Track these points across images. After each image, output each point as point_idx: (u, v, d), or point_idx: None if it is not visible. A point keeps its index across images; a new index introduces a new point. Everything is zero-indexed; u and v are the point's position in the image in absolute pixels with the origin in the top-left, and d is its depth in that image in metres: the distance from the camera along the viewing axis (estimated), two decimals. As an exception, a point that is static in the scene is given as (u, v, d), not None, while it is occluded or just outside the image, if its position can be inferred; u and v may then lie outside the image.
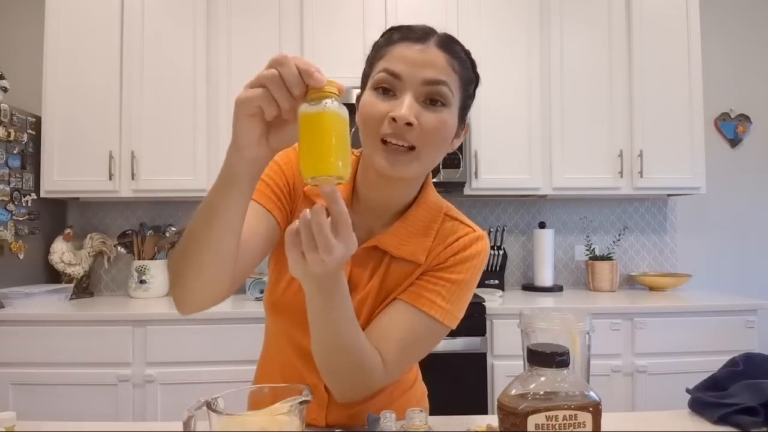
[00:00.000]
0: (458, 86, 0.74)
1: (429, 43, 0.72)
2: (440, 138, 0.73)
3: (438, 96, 0.72)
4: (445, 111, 0.72)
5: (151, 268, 2.54)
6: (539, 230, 2.71)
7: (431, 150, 0.73)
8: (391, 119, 0.69)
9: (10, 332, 2.09)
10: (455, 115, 0.75)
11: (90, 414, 2.07)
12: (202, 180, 2.44)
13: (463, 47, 0.77)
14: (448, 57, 0.73)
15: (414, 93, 0.71)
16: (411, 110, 0.69)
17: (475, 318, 2.14)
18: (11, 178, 2.36)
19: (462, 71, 0.75)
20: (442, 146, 0.75)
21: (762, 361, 0.95)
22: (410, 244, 0.80)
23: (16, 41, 2.82)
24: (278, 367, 0.90)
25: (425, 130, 0.71)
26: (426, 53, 0.71)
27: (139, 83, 2.46)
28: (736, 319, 2.24)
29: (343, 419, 0.86)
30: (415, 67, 0.71)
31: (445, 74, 0.72)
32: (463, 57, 0.76)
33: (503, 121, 2.53)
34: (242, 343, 2.08)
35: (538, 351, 0.55)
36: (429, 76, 0.71)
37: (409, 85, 0.71)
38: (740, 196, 2.99)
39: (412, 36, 0.73)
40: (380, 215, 0.82)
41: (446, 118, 0.72)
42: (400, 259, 0.80)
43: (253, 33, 2.49)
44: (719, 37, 3.00)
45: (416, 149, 0.71)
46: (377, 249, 0.80)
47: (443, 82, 0.71)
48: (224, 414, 0.58)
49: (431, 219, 0.82)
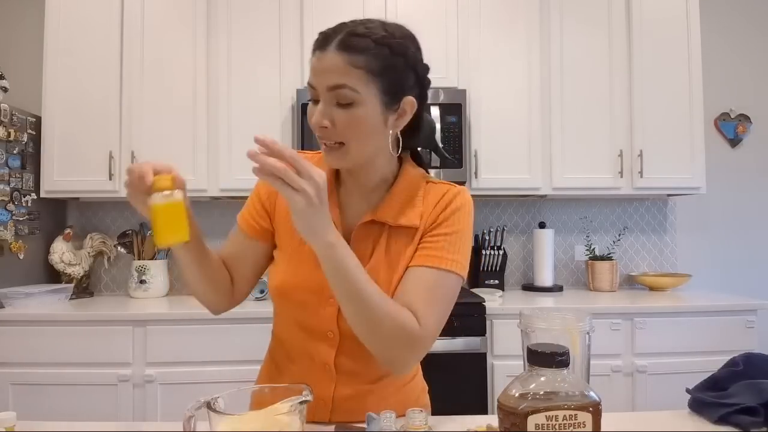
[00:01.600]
0: (366, 78, 0.78)
1: (328, 49, 0.78)
2: (360, 131, 0.80)
3: (342, 98, 0.78)
4: (355, 108, 0.78)
5: (151, 268, 2.54)
6: (539, 230, 2.71)
7: (357, 142, 0.81)
8: (314, 125, 0.80)
9: (10, 332, 2.09)
10: (373, 104, 0.79)
11: (90, 414, 2.07)
12: (202, 180, 2.44)
13: (376, 35, 0.79)
14: (347, 56, 0.77)
15: (324, 99, 0.79)
16: (322, 115, 0.78)
17: (475, 318, 2.14)
18: (11, 178, 2.36)
19: (369, 62, 0.78)
20: (368, 135, 0.81)
21: (762, 361, 0.95)
22: (403, 212, 0.87)
23: (16, 41, 2.82)
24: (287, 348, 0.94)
25: (341, 128, 0.79)
26: (323, 60, 0.78)
27: (139, 83, 2.46)
28: (736, 319, 2.24)
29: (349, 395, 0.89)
30: (318, 77, 0.79)
31: (344, 76, 0.77)
32: (371, 46, 0.78)
33: (503, 121, 2.53)
34: (242, 343, 2.08)
35: (538, 351, 0.55)
36: (329, 83, 0.77)
37: (320, 93, 0.79)
38: (740, 196, 2.99)
39: (316, 45, 0.80)
40: (366, 195, 0.90)
41: (358, 114, 0.78)
42: (398, 227, 0.87)
43: (254, 33, 2.49)
44: (719, 37, 3.00)
45: (344, 144, 0.80)
46: (374, 223, 0.87)
47: (342, 85, 0.77)
48: (224, 414, 0.59)
49: (415, 187, 0.90)
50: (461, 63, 2.52)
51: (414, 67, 0.84)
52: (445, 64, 2.51)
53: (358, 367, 0.90)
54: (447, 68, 2.51)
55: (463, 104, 2.44)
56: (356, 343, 0.83)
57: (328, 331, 0.88)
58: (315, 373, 0.90)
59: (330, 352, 0.88)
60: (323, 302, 0.87)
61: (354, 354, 0.88)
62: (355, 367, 0.89)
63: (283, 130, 2.46)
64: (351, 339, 0.84)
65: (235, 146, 2.46)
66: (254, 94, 2.48)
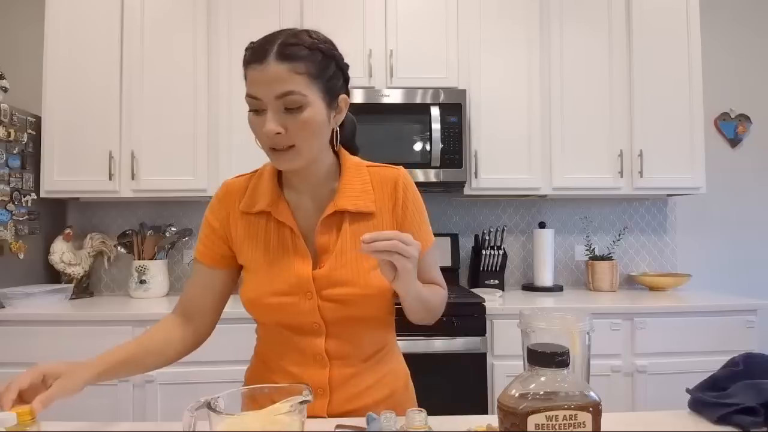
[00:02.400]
0: (309, 82, 0.84)
1: (268, 60, 0.82)
2: (310, 131, 0.85)
3: (291, 104, 0.83)
4: (304, 111, 0.84)
5: (151, 268, 2.54)
6: (539, 230, 2.71)
7: (307, 142, 0.86)
8: (265, 134, 0.84)
9: (10, 332, 2.09)
10: (318, 105, 0.85)
11: (90, 414, 2.07)
12: (202, 180, 2.44)
13: (307, 42, 0.85)
14: (288, 64, 0.82)
15: (272, 107, 0.83)
16: (275, 123, 0.83)
17: (475, 318, 2.14)
18: (11, 178, 2.36)
19: (309, 68, 0.84)
20: (317, 134, 0.87)
21: (762, 361, 0.95)
22: (359, 199, 0.94)
23: (16, 41, 2.82)
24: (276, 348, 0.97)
25: (293, 132, 0.84)
26: (267, 72, 0.82)
27: (139, 83, 2.46)
28: (736, 319, 2.24)
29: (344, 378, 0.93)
30: (263, 87, 0.82)
31: (290, 83, 0.82)
32: (306, 53, 0.84)
33: (503, 121, 2.53)
34: (242, 343, 2.07)
35: (538, 351, 0.55)
36: (277, 92, 0.82)
37: (266, 103, 0.83)
38: (740, 196, 2.99)
39: (255, 58, 0.83)
40: (315, 191, 0.96)
41: (308, 116, 0.84)
42: (356, 213, 0.94)
43: (254, 33, 2.48)
44: (719, 37, 3.00)
45: (295, 146, 0.85)
46: (334, 214, 0.93)
47: (290, 92, 0.82)
48: (224, 414, 0.59)
49: (361, 174, 0.97)
50: (461, 63, 2.52)
51: (341, 67, 0.91)
52: (445, 64, 2.51)
53: (348, 348, 0.94)
54: (447, 68, 2.51)
55: (463, 104, 2.44)
56: (342, 325, 0.92)
57: (312, 323, 0.92)
58: (307, 365, 0.93)
59: (319, 342, 0.92)
60: (302, 298, 0.91)
61: (342, 336, 0.93)
62: (346, 349, 0.94)
63: (283, 130, 2.46)
64: (336, 323, 0.92)
65: (235, 146, 2.46)
66: (254, 94, 2.48)
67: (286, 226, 0.93)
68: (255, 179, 0.98)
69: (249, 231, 0.96)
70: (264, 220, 0.95)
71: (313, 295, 0.90)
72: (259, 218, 0.95)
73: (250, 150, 2.47)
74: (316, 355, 0.93)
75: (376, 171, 0.99)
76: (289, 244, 0.93)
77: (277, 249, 0.93)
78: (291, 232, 0.93)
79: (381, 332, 0.99)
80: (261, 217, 0.95)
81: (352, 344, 0.94)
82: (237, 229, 0.97)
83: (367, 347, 0.96)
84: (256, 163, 1.02)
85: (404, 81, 2.49)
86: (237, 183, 0.99)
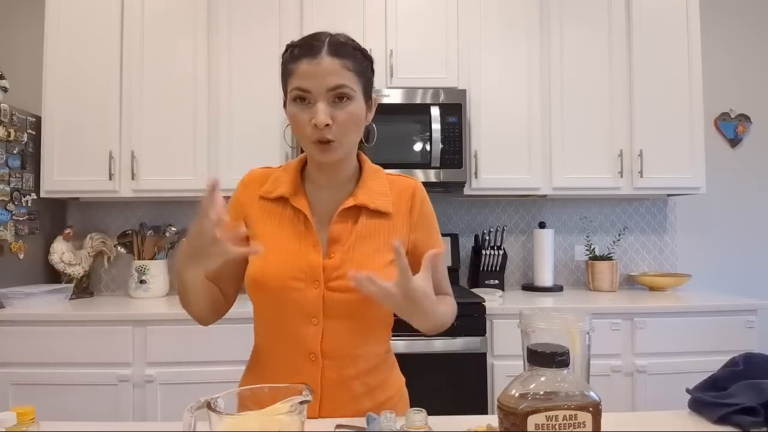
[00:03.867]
0: (356, 79, 0.91)
1: (322, 55, 0.88)
2: (353, 124, 0.91)
3: (342, 95, 0.89)
4: (351, 103, 0.90)
5: (151, 268, 2.54)
6: (539, 230, 2.71)
7: (350, 135, 0.92)
8: (313, 125, 0.88)
9: (10, 332, 2.09)
10: (361, 101, 0.92)
11: (90, 414, 2.07)
12: (202, 180, 2.44)
13: (352, 43, 0.93)
14: (340, 60, 0.89)
15: (323, 99, 0.88)
16: (325, 114, 0.87)
17: (475, 318, 2.14)
18: (11, 178, 2.36)
19: (355, 65, 0.91)
20: (358, 128, 0.94)
21: (762, 361, 0.95)
22: (378, 199, 0.98)
23: (16, 41, 2.82)
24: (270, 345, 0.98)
25: (340, 124, 0.89)
26: (321, 65, 0.88)
27: (139, 83, 2.46)
28: (736, 319, 2.24)
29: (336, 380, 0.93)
30: (317, 79, 0.87)
31: (342, 77, 0.88)
32: (353, 52, 0.92)
33: (503, 121, 2.53)
34: (242, 343, 2.07)
35: (538, 351, 0.55)
36: (331, 84, 0.88)
37: (317, 95, 0.88)
38: (740, 196, 2.99)
39: (308, 53, 0.89)
40: (336, 189, 0.99)
41: (353, 109, 0.90)
42: (374, 210, 0.97)
43: (254, 32, 2.49)
44: (719, 37, 3.00)
45: (337, 140, 0.90)
46: (352, 208, 0.97)
47: (342, 85, 0.88)
48: (224, 414, 0.59)
49: (380, 178, 1.02)
50: (461, 63, 2.52)
51: (373, 70, 0.99)
52: (445, 64, 2.51)
53: (342, 349, 0.94)
54: (447, 68, 2.51)
55: (463, 104, 2.44)
56: (339, 323, 0.93)
57: (312, 317, 0.92)
58: (300, 364, 0.92)
59: (316, 337, 0.92)
60: (309, 285, 0.92)
61: (338, 334, 0.93)
62: (340, 350, 0.93)
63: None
64: (336, 318, 0.92)
65: (235, 146, 2.46)
66: (254, 93, 2.48)
67: (301, 213, 0.96)
68: (280, 170, 1.03)
69: (265, 214, 0.98)
70: (281, 207, 0.98)
71: (320, 285, 0.91)
72: (277, 204, 0.98)
73: (250, 150, 2.48)
74: (311, 353, 0.92)
75: (394, 179, 1.03)
76: (302, 231, 0.95)
77: (290, 234, 0.95)
78: (305, 219, 0.95)
79: (378, 338, 0.99)
80: (278, 203, 0.98)
81: (348, 346, 0.94)
82: (254, 212, 0.99)
83: (362, 352, 0.96)
84: (257, 163, 1.03)
85: (404, 81, 2.49)
86: (262, 171, 1.04)
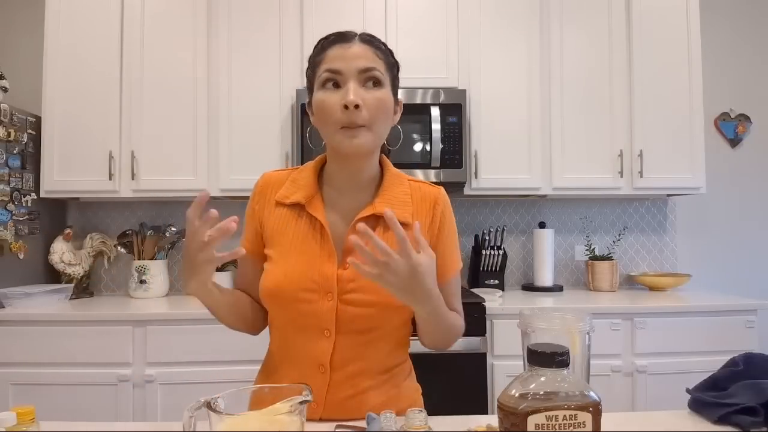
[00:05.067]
0: (386, 69, 0.91)
1: (354, 41, 0.90)
2: (383, 111, 0.89)
3: (373, 78, 0.88)
4: (381, 90, 0.89)
5: (151, 268, 2.54)
6: (539, 230, 2.71)
7: (379, 123, 0.89)
8: (343, 107, 0.85)
9: (10, 332, 2.09)
10: (390, 93, 0.92)
11: (90, 414, 2.07)
12: (202, 180, 2.44)
13: (381, 41, 0.94)
14: (372, 48, 0.90)
15: (355, 80, 0.87)
16: (357, 94, 0.85)
17: (475, 318, 2.14)
18: (11, 178, 2.36)
19: (386, 58, 0.92)
20: (387, 119, 0.91)
21: (762, 361, 0.95)
22: (398, 208, 0.93)
23: (16, 41, 2.82)
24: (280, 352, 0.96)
25: (370, 107, 0.87)
26: (353, 49, 0.89)
27: (139, 83, 2.46)
28: (736, 319, 2.24)
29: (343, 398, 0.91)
30: (349, 61, 0.87)
31: (374, 61, 0.89)
32: (384, 48, 0.93)
33: (503, 121, 2.53)
34: (242, 343, 2.07)
35: (538, 351, 0.55)
36: (362, 65, 0.87)
37: (349, 76, 0.87)
38: (740, 196, 2.99)
39: (340, 39, 0.90)
40: (356, 193, 0.96)
41: (383, 95, 0.89)
42: None
43: (254, 32, 2.49)
44: (719, 37, 3.00)
45: (368, 125, 0.87)
46: (371, 217, 0.93)
47: (373, 68, 0.88)
48: (224, 414, 0.59)
49: (402, 185, 0.98)
50: (461, 63, 2.52)
51: (398, 75, 0.97)
52: (445, 64, 2.51)
53: (353, 363, 0.91)
54: (447, 68, 2.51)
55: (463, 104, 2.44)
56: (351, 338, 0.90)
57: (324, 329, 0.89)
58: (308, 374, 0.90)
59: (327, 350, 0.90)
60: (323, 297, 0.89)
61: (349, 348, 0.90)
62: (350, 364, 0.91)
63: (283, 130, 2.46)
64: (347, 333, 0.90)
65: (235, 146, 2.46)
66: (254, 94, 2.48)
67: (317, 221, 0.92)
68: (296, 173, 0.99)
69: (280, 222, 0.95)
70: (296, 213, 0.94)
71: (334, 297, 0.89)
72: (292, 210, 0.95)
73: (250, 150, 2.48)
74: (320, 365, 0.90)
75: (417, 186, 0.99)
76: (318, 240, 0.92)
77: (304, 243, 0.92)
78: (321, 228, 0.92)
79: (393, 349, 0.96)
80: (294, 209, 0.94)
81: (359, 360, 0.91)
82: (269, 220, 0.96)
83: (373, 367, 0.93)
84: (257, 163, 1.03)
85: (404, 81, 2.45)
86: (276, 175, 1.00)
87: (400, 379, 0.98)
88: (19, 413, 0.72)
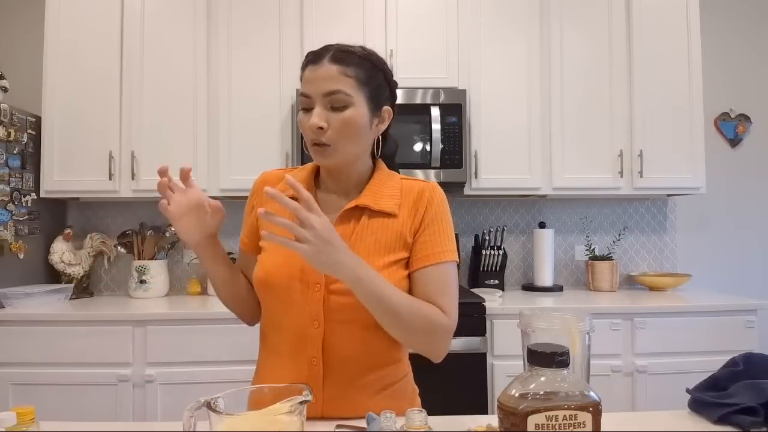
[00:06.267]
0: (356, 86, 0.91)
1: (323, 62, 0.91)
2: (350, 130, 0.91)
3: (337, 102, 0.90)
4: (348, 110, 0.90)
5: (151, 268, 2.54)
6: (539, 230, 2.71)
7: (344, 142, 0.92)
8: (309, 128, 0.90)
9: (10, 332, 2.09)
10: (362, 109, 0.92)
11: (90, 414, 2.07)
12: (202, 180, 2.44)
13: (359, 52, 0.94)
14: (340, 67, 0.90)
15: (321, 104, 0.90)
16: (320, 118, 0.89)
17: (475, 318, 2.14)
18: (11, 178, 2.36)
19: (358, 73, 0.91)
20: (356, 135, 0.93)
21: (762, 361, 0.95)
22: (383, 201, 0.97)
23: (16, 41, 2.82)
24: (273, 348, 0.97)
25: (335, 129, 0.90)
26: (319, 71, 0.90)
27: (139, 83, 2.46)
28: (736, 319, 2.24)
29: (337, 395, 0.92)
30: (314, 85, 0.90)
31: (339, 83, 0.90)
32: (358, 60, 0.93)
33: (503, 121, 2.53)
34: (242, 343, 2.08)
35: (538, 351, 0.55)
36: (325, 90, 0.90)
37: (316, 100, 0.90)
38: (740, 196, 2.99)
39: (312, 60, 0.92)
40: (346, 191, 1.00)
41: (350, 115, 0.90)
42: (378, 212, 0.96)
43: (254, 32, 2.49)
44: (719, 37, 3.00)
45: (332, 145, 0.91)
46: (356, 209, 0.96)
47: (337, 90, 0.89)
48: (224, 414, 0.59)
49: (391, 181, 1.00)
50: (461, 63, 2.52)
51: (389, 81, 0.98)
52: (445, 64, 2.51)
53: (345, 355, 0.92)
54: (447, 68, 2.51)
55: (463, 104, 2.44)
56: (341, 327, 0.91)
57: (313, 320, 0.91)
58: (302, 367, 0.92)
59: (317, 342, 0.91)
60: (311, 287, 0.91)
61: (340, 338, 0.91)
62: (342, 355, 0.92)
63: (283, 130, 2.46)
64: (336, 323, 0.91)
65: (235, 146, 2.46)
66: (254, 94, 2.48)
67: None
68: (294, 172, 1.04)
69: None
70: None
71: (321, 287, 0.91)
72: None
73: (249, 150, 2.48)
74: (312, 356, 0.91)
75: (407, 182, 1.02)
76: None
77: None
78: None
79: (387, 348, 0.95)
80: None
81: (350, 351, 0.92)
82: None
83: (366, 358, 0.93)
84: (257, 163, 1.03)
85: (404, 81, 2.49)
86: (274, 173, 1.06)
87: (396, 379, 0.98)
88: (19, 413, 0.72)
